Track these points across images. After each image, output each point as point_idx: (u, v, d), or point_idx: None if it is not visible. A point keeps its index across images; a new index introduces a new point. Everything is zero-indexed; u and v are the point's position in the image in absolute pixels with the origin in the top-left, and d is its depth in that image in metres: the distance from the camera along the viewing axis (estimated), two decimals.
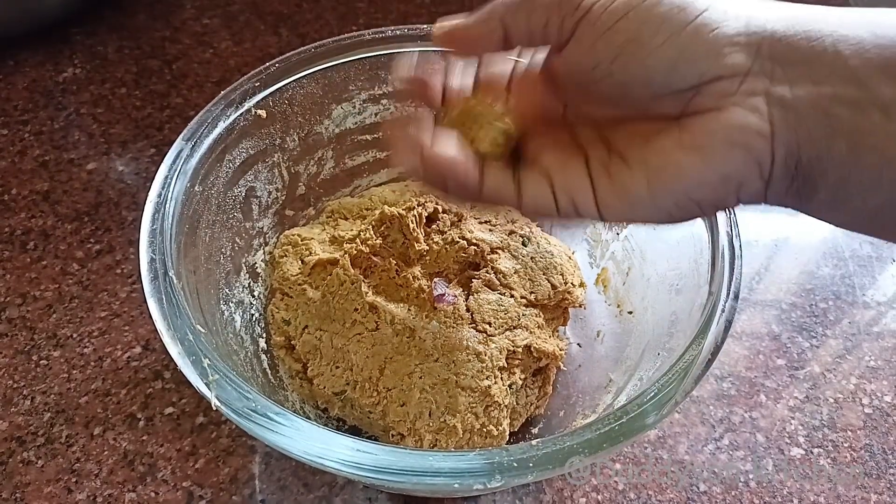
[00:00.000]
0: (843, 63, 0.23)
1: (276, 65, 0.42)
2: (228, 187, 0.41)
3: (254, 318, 0.43)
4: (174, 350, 0.31)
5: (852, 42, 0.23)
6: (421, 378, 0.38)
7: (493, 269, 0.42)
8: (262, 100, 0.41)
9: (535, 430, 0.43)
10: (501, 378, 0.39)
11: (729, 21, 0.24)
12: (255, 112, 0.41)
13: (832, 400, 0.47)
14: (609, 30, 0.25)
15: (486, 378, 0.38)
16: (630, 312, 0.44)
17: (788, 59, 0.24)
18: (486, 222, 0.45)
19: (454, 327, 0.39)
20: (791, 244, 0.56)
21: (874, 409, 0.47)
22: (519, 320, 0.41)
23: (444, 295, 0.40)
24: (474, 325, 0.40)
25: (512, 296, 0.41)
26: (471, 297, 0.41)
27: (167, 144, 0.40)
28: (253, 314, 0.44)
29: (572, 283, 0.43)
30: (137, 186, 0.57)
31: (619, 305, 0.46)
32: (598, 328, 0.46)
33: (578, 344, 0.47)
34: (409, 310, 0.40)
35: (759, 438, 0.45)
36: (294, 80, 0.42)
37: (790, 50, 0.24)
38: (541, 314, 0.42)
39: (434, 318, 0.40)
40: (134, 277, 0.51)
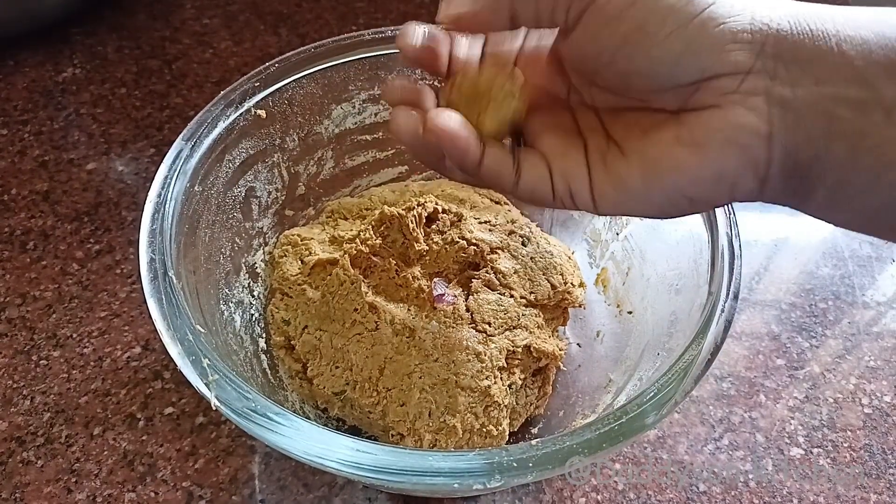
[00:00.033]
0: (848, 63, 0.23)
1: (275, 65, 0.42)
2: (228, 187, 0.41)
3: (253, 319, 0.43)
4: (174, 350, 0.31)
5: (858, 42, 0.23)
6: (421, 378, 0.38)
7: (492, 269, 0.42)
8: (261, 100, 0.41)
9: (534, 430, 0.43)
10: (501, 378, 0.39)
11: (735, 16, 0.24)
12: (254, 112, 0.41)
13: (832, 400, 0.47)
14: (616, 18, 0.25)
15: (486, 378, 0.38)
16: (630, 312, 0.44)
17: (792, 57, 0.23)
18: (485, 222, 0.45)
19: (454, 327, 0.39)
20: (791, 244, 0.56)
21: (874, 409, 0.47)
22: (519, 320, 0.41)
23: (443, 295, 0.40)
24: (474, 325, 0.40)
25: (512, 296, 0.41)
26: (470, 297, 0.41)
27: (167, 144, 0.40)
28: (253, 314, 0.44)
29: (572, 283, 0.43)
30: (137, 186, 0.57)
31: (618, 305, 0.46)
32: (597, 328, 0.46)
33: (578, 344, 0.47)
34: (408, 310, 0.40)
35: (759, 438, 0.45)
36: (294, 81, 0.42)
37: (794, 48, 0.23)
38: (540, 314, 0.42)
39: (434, 318, 0.40)
40: (134, 277, 0.51)
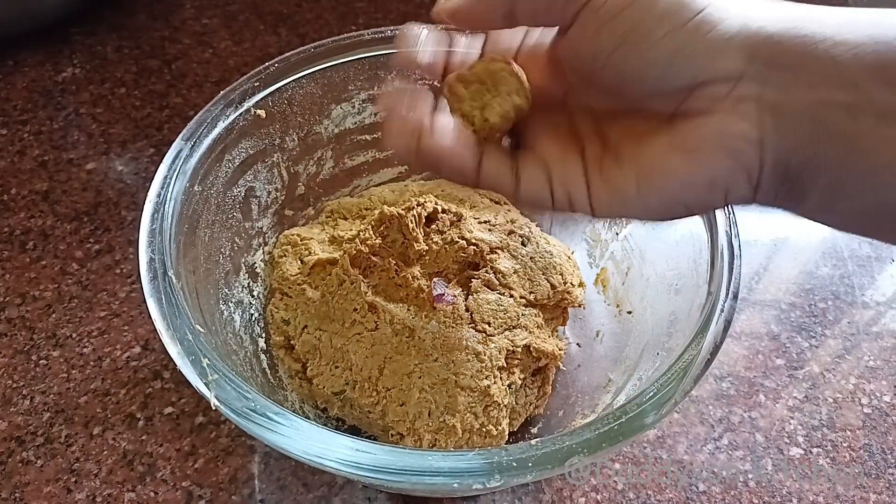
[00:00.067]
0: (839, 67, 0.23)
1: (275, 65, 0.42)
2: (228, 187, 0.41)
3: (253, 318, 0.43)
4: (173, 350, 0.31)
5: (850, 45, 0.23)
6: (420, 378, 0.38)
7: (492, 268, 0.42)
8: (261, 100, 0.41)
9: (534, 430, 0.43)
10: (501, 378, 0.39)
11: (727, 21, 0.24)
12: (254, 112, 0.41)
13: (831, 400, 0.47)
14: (612, 19, 0.25)
15: (486, 378, 0.38)
16: (629, 312, 0.44)
17: (783, 62, 0.24)
18: (485, 222, 0.44)
19: (453, 327, 0.39)
20: (790, 244, 0.56)
21: (873, 408, 0.47)
22: (518, 320, 0.41)
23: (443, 295, 0.40)
24: (473, 325, 0.40)
25: (511, 296, 0.41)
26: (470, 297, 0.41)
27: (166, 144, 0.40)
28: (252, 314, 0.44)
29: (571, 283, 0.43)
30: (137, 186, 0.57)
31: (618, 305, 0.46)
32: (597, 328, 0.46)
33: (578, 344, 0.47)
34: (408, 310, 0.40)
35: (759, 438, 0.45)
36: (293, 80, 0.42)
37: (785, 53, 0.23)
38: (540, 314, 0.42)
39: (433, 318, 0.40)
40: (133, 277, 0.51)
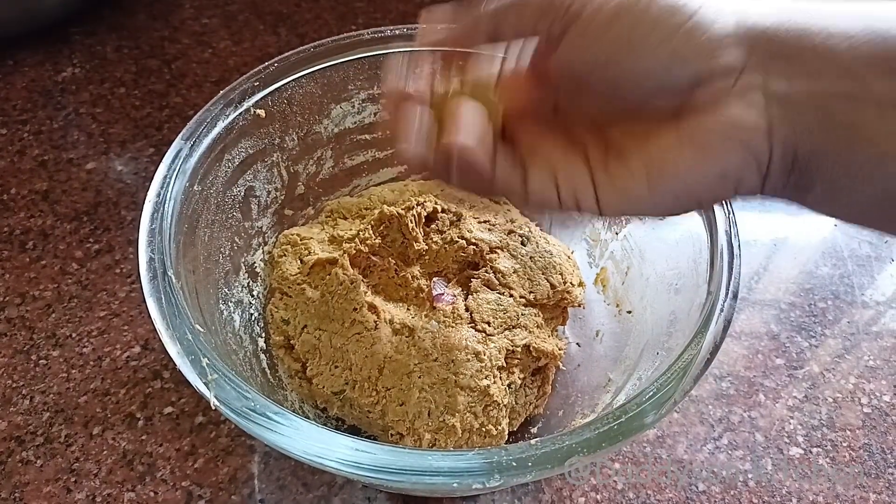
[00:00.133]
0: (837, 58, 0.23)
1: (275, 64, 0.42)
2: (227, 187, 0.41)
3: (253, 318, 0.43)
4: (173, 350, 0.31)
5: (846, 36, 0.23)
6: (420, 377, 0.38)
7: (492, 268, 0.42)
8: (261, 99, 0.41)
9: (534, 430, 0.43)
10: (500, 377, 0.39)
11: (721, 20, 0.24)
12: (254, 111, 0.41)
13: (831, 399, 0.47)
14: (601, 34, 0.25)
15: (485, 377, 0.38)
16: (629, 312, 0.44)
17: (783, 53, 0.24)
18: (485, 222, 0.45)
19: (453, 327, 0.39)
20: (790, 244, 0.56)
21: (873, 408, 0.47)
22: (518, 320, 0.41)
23: (443, 294, 0.40)
24: (473, 325, 0.40)
25: (511, 295, 0.41)
26: (470, 297, 0.41)
27: (166, 144, 0.40)
28: (252, 314, 0.44)
29: (571, 283, 0.43)
30: (136, 186, 0.57)
31: (617, 305, 0.46)
32: (597, 328, 0.46)
33: (577, 343, 0.47)
34: (408, 309, 0.40)
35: (758, 438, 0.45)
36: (293, 80, 0.42)
37: (784, 45, 0.24)
38: (540, 314, 0.42)
39: (433, 318, 0.40)
40: (133, 277, 0.51)
